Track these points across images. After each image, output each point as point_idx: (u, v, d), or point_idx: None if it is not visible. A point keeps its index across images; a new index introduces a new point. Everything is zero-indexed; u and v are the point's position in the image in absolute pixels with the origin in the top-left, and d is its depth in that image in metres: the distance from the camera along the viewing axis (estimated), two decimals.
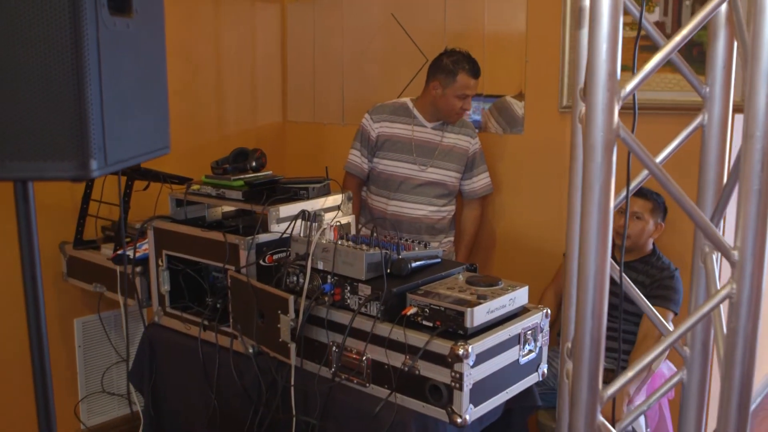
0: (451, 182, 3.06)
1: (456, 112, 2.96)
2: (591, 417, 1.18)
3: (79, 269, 2.94)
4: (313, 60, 3.89)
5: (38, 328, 1.41)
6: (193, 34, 3.55)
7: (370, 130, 3.05)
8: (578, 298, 1.15)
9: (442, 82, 2.93)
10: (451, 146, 3.04)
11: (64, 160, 1.17)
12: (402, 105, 3.09)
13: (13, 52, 1.14)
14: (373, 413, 1.94)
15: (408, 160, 3.02)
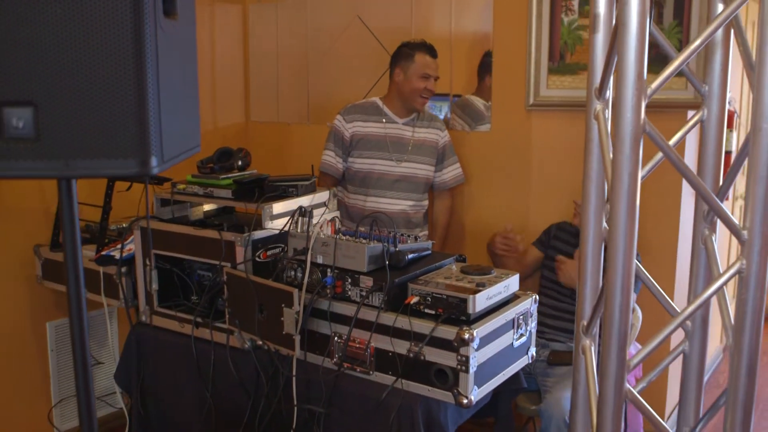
0: (425, 176, 3.17)
1: (421, 94, 3.06)
2: (619, 384, 1.30)
3: (56, 271, 2.92)
4: (276, 60, 3.94)
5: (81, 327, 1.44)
6: None
7: (343, 131, 3.12)
8: (606, 276, 1.27)
9: (402, 68, 3.06)
10: (423, 140, 3.15)
11: (127, 157, 1.22)
12: (372, 104, 3.17)
13: (78, 53, 1.18)
14: (379, 399, 2.03)
15: (383, 156, 3.11)
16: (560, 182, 3.17)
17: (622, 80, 1.22)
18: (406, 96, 3.08)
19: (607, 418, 1.32)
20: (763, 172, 1.25)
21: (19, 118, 1.19)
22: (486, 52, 3.31)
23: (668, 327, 1.37)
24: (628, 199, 1.23)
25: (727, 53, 1.45)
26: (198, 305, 2.48)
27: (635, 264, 1.39)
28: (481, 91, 3.35)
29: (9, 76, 1.18)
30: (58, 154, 1.21)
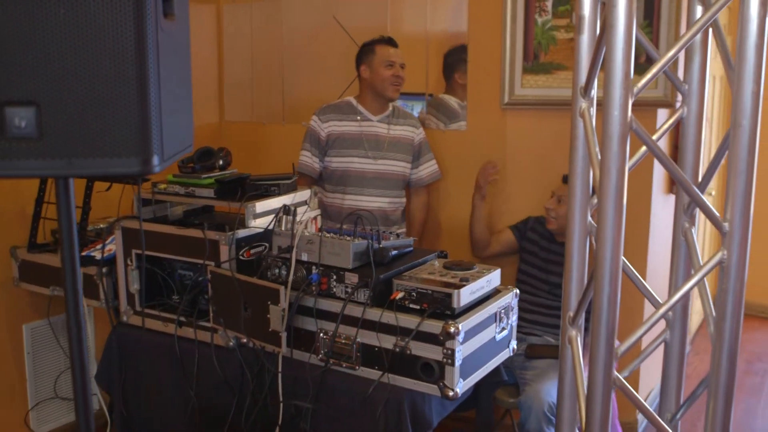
0: (401, 173, 3.21)
1: (391, 82, 3.11)
2: (608, 371, 1.35)
3: (34, 273, 2.89)
4: (251, 60, 3.94)
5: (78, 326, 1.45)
6: None
7: (319, 131, 3.15)
8: (596, 269, 1.32)
9: (367, 63, 3.13)
10: (398, 137, 3.19)
11: (130, 156, 1.24)
12: (346, 103, 3.21)
13: (81, 53, 1.19)
14: (366, 394, 2.06)
15: (360, 154, 3.14)
16: (535, 179, 3.24)
17: (609, 79, 1.27)
18: (378, 88, 3.13)
19: (596, 404, 1.37)
20: (743, 166, 1.31)
21: (21, 118, 1.20)
22: (448, 52, 3.38)
23: (653, 317, 1.43)
24: (615, 193, 1.29)
25: (705, 54, 1.51)
26: (181, 304, 2.48)
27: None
28: (452, 89, 3.41)
29: (11, 76, 1.19)
30: (61, 153, 1.22)
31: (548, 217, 2.95)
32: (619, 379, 1.38)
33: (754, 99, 1.31)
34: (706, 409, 1.42)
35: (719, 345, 1.39)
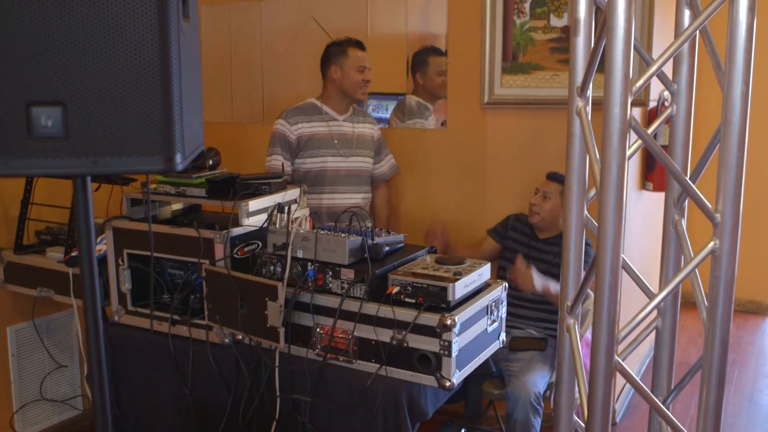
0: (368, 168, 3.32)
1: (360, 86, 3.19)
2: (610, 355, 1.42)
3: (21, 274, 2.88)
4: (230, 61, 3.96)
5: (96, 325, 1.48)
6: None
7: (288, 134, 3.17)
8: (598, 258, 1.39)
9: (338, 65, 3.17)
10: (362, 134, 3.29)
11: (155, 155, 1.27)
12: (310, 104, 3.25)
13: (106, 54, 1.22)
14: (364, 386, 2.11)
15: (333, 153, 3.19)
16: (515, 176, 3.32)
17: (610, 80, 1.34)
18: (348, 91, 3.19)
19: (598, 388, 1.45)
20: (733, 160, 1.40)
21: (48, 118, 1.23)
22: (415, 53, 3.48)
23: (650, 304, 1.51)
24: (616, 186, 1.36)
25: (693, 56, 1.60)
26: (174, 303, 2.51)
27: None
28: (415, 90, 3.53)
29: (37, 77, 1.22)
30: (86, 151, 1.25)
31: (532, 211, 3.03)
32: (620, 363, 1.45)
33: (743, 98, 1.39)
34: (700, 389, 1.51)
35: (712, 329, 1.48)
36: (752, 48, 1.38)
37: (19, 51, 1.21)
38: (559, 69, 3.19)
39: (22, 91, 1.22)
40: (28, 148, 1.24)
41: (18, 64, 1.21)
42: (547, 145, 3.25)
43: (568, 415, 1.72)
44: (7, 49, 1.20)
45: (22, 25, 1.20)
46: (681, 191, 1.65)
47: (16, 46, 1.20)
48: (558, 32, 3.17)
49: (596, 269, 1.41)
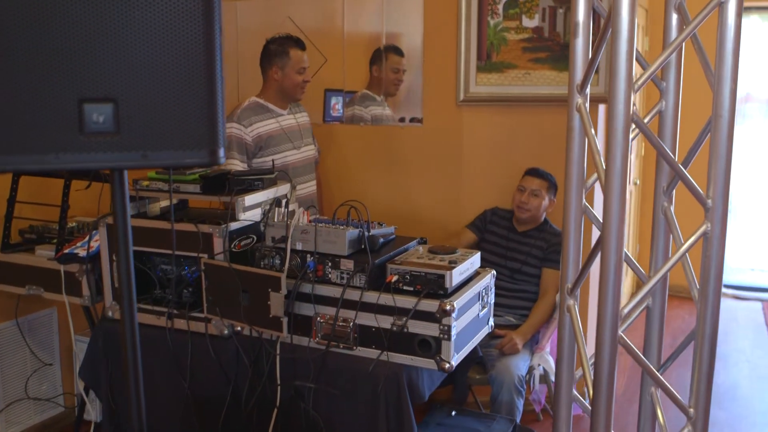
0: (314, 155, 3.48)
1: (300, 87, 3.28)
2: (614, 331, 1.55)
3: (7, 273, 2.88)
4: None
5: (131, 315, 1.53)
6: None
7: (244, 136, 3.19)
8: (604, 241, 1.52)
9: (279, 65, 3.25)
10: (303, 124, 3.44)
11: (201, 149, 1.35)
12: (256, 104, 3.29)
13: (155, 53, 1.30)
14: (367, 371, 2.21)
15: (288, 147, 3.30)
16: (489, 170, 3.46)
17: (615, 79, 1.47)
18: (288, 91, 3.28)
19: (604, 361, 1.57)
20: (723, 150, 1.54)
21: (99, 114, 1.29)
22: (375, 49, 3.64)
23: (649, 283, 1.65)
24: (620, 173, 1.49)
25: (680, 57, 1.74)
26: (170, 297, 2.55)
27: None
28: (370, 83, 3.70)
29: (90, 75, 1.28)
30: (136, 146, 1.32)
31: (522, 209, 3.16)
32: (623, 338, 1.59)
33: (732, 94, 1.54)
34: (693, 357, 1.65)
35: (704, 303, 1.62)
36: (739, 49, 1.53)
37: (72, 50, 1.27)
38: (530, 68, 3.34)
39: (75, 89, 1.28)
40: (80, 143, 1.30)
41: (71, 63, 1.27)
42: (520, 141, 3.40)
43: (568, 389, 1.84)
44: (61, 48, 1.26)
45: (76, 26, 1.26)
46: (669, 180, 1.79)
47: (70, 45, 1.26)
48: (529, 32, 3.32)
49: (602, 249, 1.53)
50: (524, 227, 3.24)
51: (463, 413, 2.58)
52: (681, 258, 1.61)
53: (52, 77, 1.27)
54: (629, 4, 1.44)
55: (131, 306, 1.55)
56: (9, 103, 1.26)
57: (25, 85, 1.26)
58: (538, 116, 3.37)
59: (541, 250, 3.18)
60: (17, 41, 1.24)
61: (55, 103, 1.27)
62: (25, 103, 1.26)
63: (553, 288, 3.15)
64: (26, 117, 1.27)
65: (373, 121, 3.71)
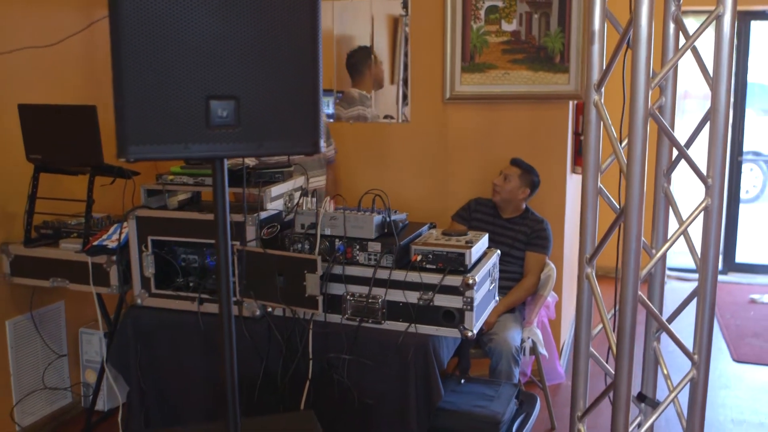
0: (328, 153, 3.74)
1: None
2: (635, 289, 1.85)
3: (30, 267, 2.99)
4: None
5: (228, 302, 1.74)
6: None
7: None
8: (626, 216, 1.81)
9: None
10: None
11: (306, 139, 1.58)
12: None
13: (271, 56, 1.52)
14: (395, 343, 2.45)
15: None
16: (473, 163, 3.75)
17: (636, 77, 1.76)
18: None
19: (627, 318, 1.86)
20: (720, 137, 1.86)
21: (223, 109, 1.51)
22: (350, 53, 3.91)
23: (659, 253, 1.95)
24: (641, 159, 1.79)
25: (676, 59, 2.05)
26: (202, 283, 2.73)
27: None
28: (356, 83, 3.96)
29: (216, 75, 1.50)
30: (254, 137, 1.54)
31: (494, 191, 3.45)
32: (642, 297, 1.89)
33: (727, 93, 1.85)
34: (696, 311, 1.96)
35: (705, 267, 1.94)
36: (733, 53, 1.85)
37: (202, 54, 1.48)
38: (509, 68, 3.64)
39: (203, 87, 1.49)
40: (206, 135, 1.51)
41: (200, 65, 1.48)
42: (500, 135, 3.70)
43: (586, 347, 2.14)
44: (192, 52, 1.47)
45: (206, 35, 1.47)
46: (668, 165, 2.11)
47: (200, 49, 1.47)
48: (508, 36, 3.62)
49: (625, 218, 1.82)
50: (508, 214, 3.54)
51: (471, 381, 2.85)
52: (687, 227, 1.92)
53: (185, 78, 1.47)
54: (647, 17, 1.74)
55: (228, 290, 1.74)
56: (148, 100, 1.46)
57: (163, 85, 1.46)
58: (516, 112, 3.68)
59: (525, 235, 3.48)
60: (158, 49, 1.44)
61: (186, 100, 1.48)
62: (162, 100, 1.47)
63: (535, 269, 3.46)
64: (162, 113, 1.47)
65: (358, 118, 3.96)
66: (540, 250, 3.45)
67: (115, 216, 3.22)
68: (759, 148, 8.01)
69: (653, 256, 2.08)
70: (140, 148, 1.47)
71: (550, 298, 3.56)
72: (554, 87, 3.63)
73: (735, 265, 6.05)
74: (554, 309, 3.63)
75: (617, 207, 2.08)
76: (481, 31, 3.63)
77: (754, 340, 4.51)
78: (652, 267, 1.93)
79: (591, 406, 2.12)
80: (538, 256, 3.45)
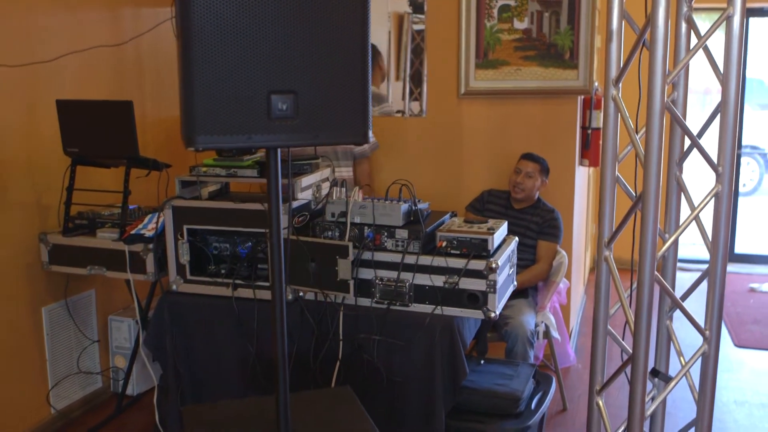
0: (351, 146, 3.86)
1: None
2: (652, 262, 1.99)
3: (68, 255, 3.13)
4: None
5: (281, 289, 1.88)
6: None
7: None
8: (644, 201, 1.96)
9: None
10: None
11: (356, 130, 1.73)
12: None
13: (326, 54, 1.67)
14: (422, 324, 2.60)
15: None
16: (486, 155, 3.90)
17: (653, 74, 1.91)
18: None
19: (644, 293, 2.01)
20: (730, 128, 2.01)
21: (283, 103, 1.65)
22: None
23: (676, 234, 2.11)
24: (657, 148, 1.93)
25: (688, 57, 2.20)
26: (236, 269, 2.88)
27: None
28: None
29: (277, 72, 1.64)
30: (310, 128, 1.69)
31: (517, 189, 3.60)
32: (657, 276, 2.04)
33: (737, 86, 2.00)
34: (708, 289, 2.12)
35: (715, 249, 2.09)
36: (742, 51, 2.00)
37: (264, 52, 1.63)
38: (521, 64, 3.79)
39: (265, 83, 1.64)
40: (267, 126, 1.66)
41: (263, 63, 1.63)
42: (512, 128, 3.85)
43: (604, 325, 2.29)
44: (255, 51, 1.62)
45: (267, 34, 1.62)
46: (680, 155, 2.26)
47: (262, 49, 1.62)
48: (520, 33, 3.77)
49: (642, 203, 1.97)
50: (520, 205, 3.69)
51: (490, 362, 3.00)
52: (699, 212, 2.07)
53: (249, 75, 1.62)
54: (663, 19, 1.88)
55: (281, 272, 1.89)
56: (215, 95, 1.61)
57: (229, 81, 1.61)
58: (527, 107, 3.84)
59: (537, 224, 3.63)
60: (225, 49, 1.59)
61: (250, 95, 1.63)
62: (228, 95, 1.61)
63: (546, 257, 3.61)
64: (227, 106, 1.62)
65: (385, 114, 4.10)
66: (551, 238, 3.60)
67: (146, 207, 3.36)
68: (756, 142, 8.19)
69: (666, 240, 2.23)
70: (207, 138, 1.62)
71: (562, 284, 3.71)
72: (563, 82, 3.79)
73: (735, 256, 6.23)
74: (565, 294, 3.78)
75: (633, 195, 2.23)
76: (494, 29, 3.77)
77: (755, 326, 4.68)
78: (666, 249, 2.08)
79: (609, 381, 2.27)
80: (550, 245, 3.60)
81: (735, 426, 3.43)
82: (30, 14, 3.18)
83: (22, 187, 3.19)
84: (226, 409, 2.22)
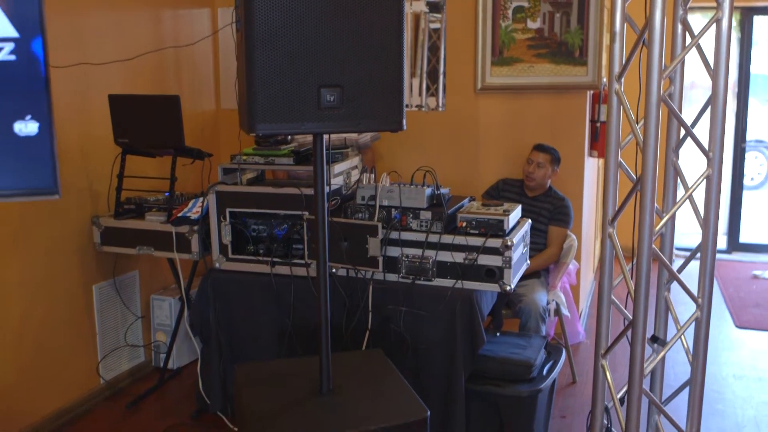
0: (361, 139, 4.08)
1: None
2: (650, 240, 2.26)
3: (119, 237, 3.43)
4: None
5: (324, 273, 2.16)
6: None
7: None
8: (642, 182, 2.23)
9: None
10: None
11: (393, 119, 2.00)
12: None
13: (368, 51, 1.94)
14: (445, 297, 2.88)
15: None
16: (501, 147, 4.17)
17: (650, 70, 2.18)
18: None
19: (643, 264, 2.28)
20: (719, 118, 2.27)
21: (330, 95, 1.94)
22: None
23: (669, 214, 2.37)
24: (654, 136, 2.20)
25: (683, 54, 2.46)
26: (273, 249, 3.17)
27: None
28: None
29: (326, 68, 1.92)
30: (353, 117, 1.97)
31: (529, 177, 3.87)
32: (655, 250, 2.31)
33: (725, 81, 2.26)
34: (701, 261, 2.38)
35: (707, 227, 2.36)
36: (729, 48, 2.26)
37: (315, 52, 1.91)
38: (534, 62, 4.06)
39: (316, 78, 1.92)
40: (317, 115, 1.94)
41: (314, 61, 1.91)
42: (525, 122, 4.12)
43: (608, 295, 2.56)
44: (307, 51, 1.90)
45: (317, 36, 1.90)
46: (677, 142, 2.53)
47: (314, 49, 1.90)
48: (533, 33, 4.04)
49: (641, 184, 2.24)
50: (533, 193, 3.96)
51: (505, 334, 3.28)
52: (692, 192, 2.33)
53: (303, 71, 1.90)
54: (659, 21, 2.15)
55: (324, 249, 2.17)
56: (273, 88, 1.89)
57: (285, 76, 1.89)
58: (539, 101, 4.10)
59: (549, 211, 3.90)
60: (282, 49, 1.87)
61: (303, 88, 1.91)
62: (284, 88, 1.90)
63: (556, 241, 3.88)
64: (283, 98, 1.90)
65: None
66: (561, 224, 3.87)
67: (188, 192, 3.65)
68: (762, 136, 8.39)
69: (663, 217, 2.50)
70: (266, 125, 1.91)
71: (572, 266, 3.98)
72: (574, 78, 4.05)
73: (739, 245, 6.48)
74: (575, 275, 4.05)
75: (633, 177, 2.50)
76: (509, 28, 4.04)
77: (756, 309, 4.93)
78: (663, 224, 2.35)
79: (612, 344, 2.54)
80: (560, 230, 3.87)
81: (733, 397, 3.69)
82: (80, 16, 3.48)
83: (77, 174, 3.49)
84: (274, 366, 2.51)
